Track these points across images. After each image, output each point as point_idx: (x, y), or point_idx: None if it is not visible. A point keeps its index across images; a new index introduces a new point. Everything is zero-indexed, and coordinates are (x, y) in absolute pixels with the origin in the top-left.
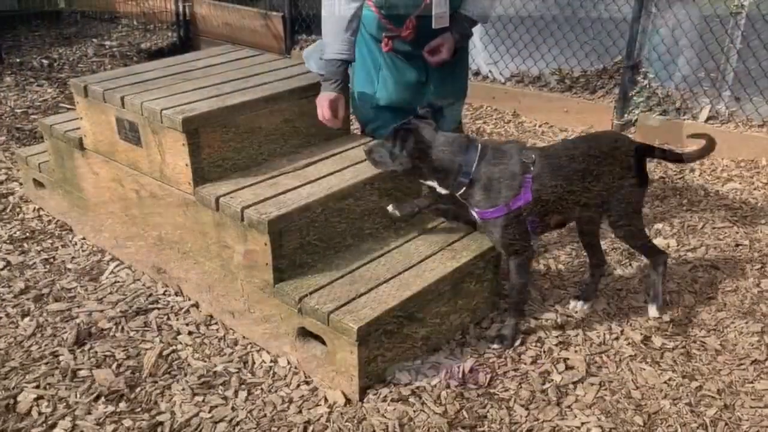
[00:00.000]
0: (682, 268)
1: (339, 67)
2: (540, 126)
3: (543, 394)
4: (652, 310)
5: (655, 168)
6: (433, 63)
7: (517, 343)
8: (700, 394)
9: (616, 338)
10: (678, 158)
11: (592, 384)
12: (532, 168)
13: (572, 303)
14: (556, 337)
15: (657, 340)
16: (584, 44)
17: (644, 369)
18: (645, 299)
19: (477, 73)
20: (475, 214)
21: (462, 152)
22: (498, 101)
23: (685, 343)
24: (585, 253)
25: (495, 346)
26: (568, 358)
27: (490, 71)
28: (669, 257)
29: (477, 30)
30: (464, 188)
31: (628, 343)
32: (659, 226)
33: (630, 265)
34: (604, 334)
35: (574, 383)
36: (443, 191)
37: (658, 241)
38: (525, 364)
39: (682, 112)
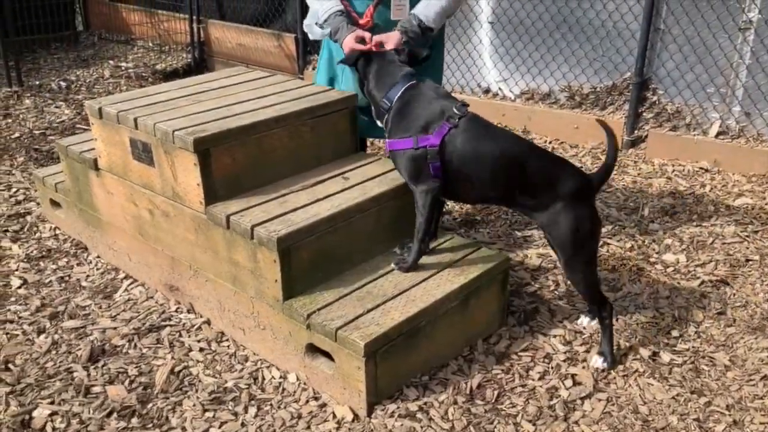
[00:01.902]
0: (691, 283)
1: (337, 17)
2: (551, 142)
3: (550, 410)
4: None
5: (665, 184)
6: None
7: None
8: (708, 410)
9: (624, 354)
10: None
11: (600, 399)
12: (456, 121)
13: (580, 319)
14: (564, 353)
15: (665, 356)
16: (593, 61)
17: (652, 384)
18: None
19: (487, 91)
20: (387, 145)
21: (392, 82)
22: (508, 118)
23: (694, 358)
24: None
25: (393, 265)
26: (575, 374)
27: (500, 88)
28: (614, 308)
29: (486, 47)
30: (386, 115)
31: (636, 359)
32: (669, 241)
33: (639, 281)
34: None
35: (582, 399)
36: (379, 123)
37: (667, 257)
38: (533, 379)
39: (692, 128)
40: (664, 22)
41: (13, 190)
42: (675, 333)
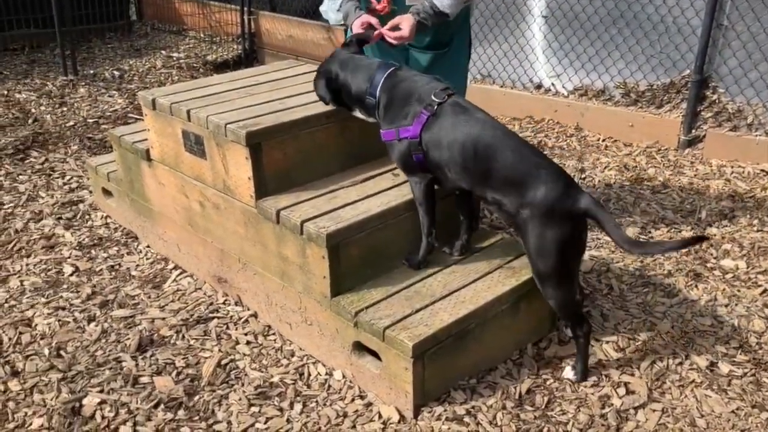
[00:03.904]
0: (752, 291)
1: (348, 3)
2: (603, 140)
3: (602, 419)
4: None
5: (723, 186)
6: (393, 38)
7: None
8: None
9: (680, 363)
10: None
11: (654, 410)
12: (434, 108)
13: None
14: (617, 359)
15: (724, 367)
16: (651, 57)
17: (710, 396)
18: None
19: (539, 86)
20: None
21: (370, 75)
22: (560, 115)
23: (755, 370)
24: (642, 277)
25: (404, 262)
26: (629, 382)
27: (552, 84)
28: (592, 329)
29: (539, 41)
30: (375, 110)
31: (693, 368)
32: (727, 246)
33: (696, 287)
34: (668, 358)
35: (635, 408)
36: (371, 120)
37: (726, 263)
38: (584, 386)
39: (753, 128)
40: (728, 18)
41: (67, 177)
42: (734, 343)
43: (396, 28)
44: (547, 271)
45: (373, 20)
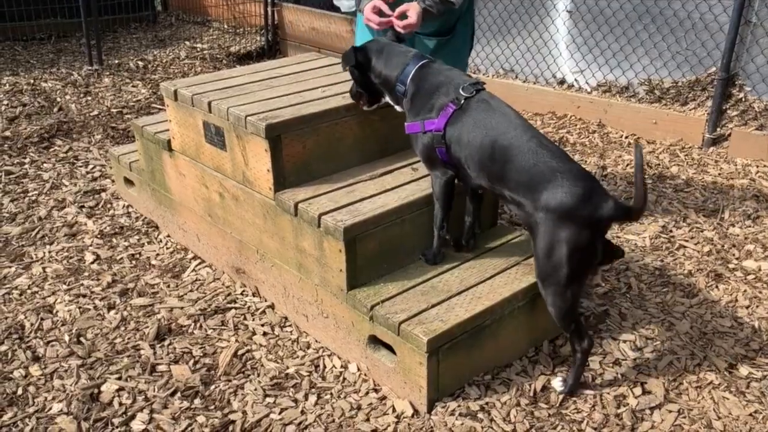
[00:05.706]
0: None
1: None
2: (626, 137)
3: (617, 419)
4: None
5: (748, 186)
6: (402, 27)
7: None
8: None
9: (698, 364)
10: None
11: (670, 411)
12: (461, 103)
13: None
14: (634, 359)
15: (743, 369)
16: (676, 54)
17: (728, 399)
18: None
19: (562, 82)
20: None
21: (404, 63)
22: (583, 111)
23: None
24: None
25: (420, 256)
26: (645, 382)
27: (575, 80)
28: (593, 346)
29: (563, 36)
30: (403, 99)
31: (711, 370)
32: (750, 246)
33: (716, 287)
34: (686, 359)
35: (651, 409)
36: (399, 108)
37: (748, 264)
38: (600, 385)
39: None
40: (757, 14)
41: (90, 166)
42: (754, 345)
43: (403, 16)
44: (550, 278)
45: (384, 6)
